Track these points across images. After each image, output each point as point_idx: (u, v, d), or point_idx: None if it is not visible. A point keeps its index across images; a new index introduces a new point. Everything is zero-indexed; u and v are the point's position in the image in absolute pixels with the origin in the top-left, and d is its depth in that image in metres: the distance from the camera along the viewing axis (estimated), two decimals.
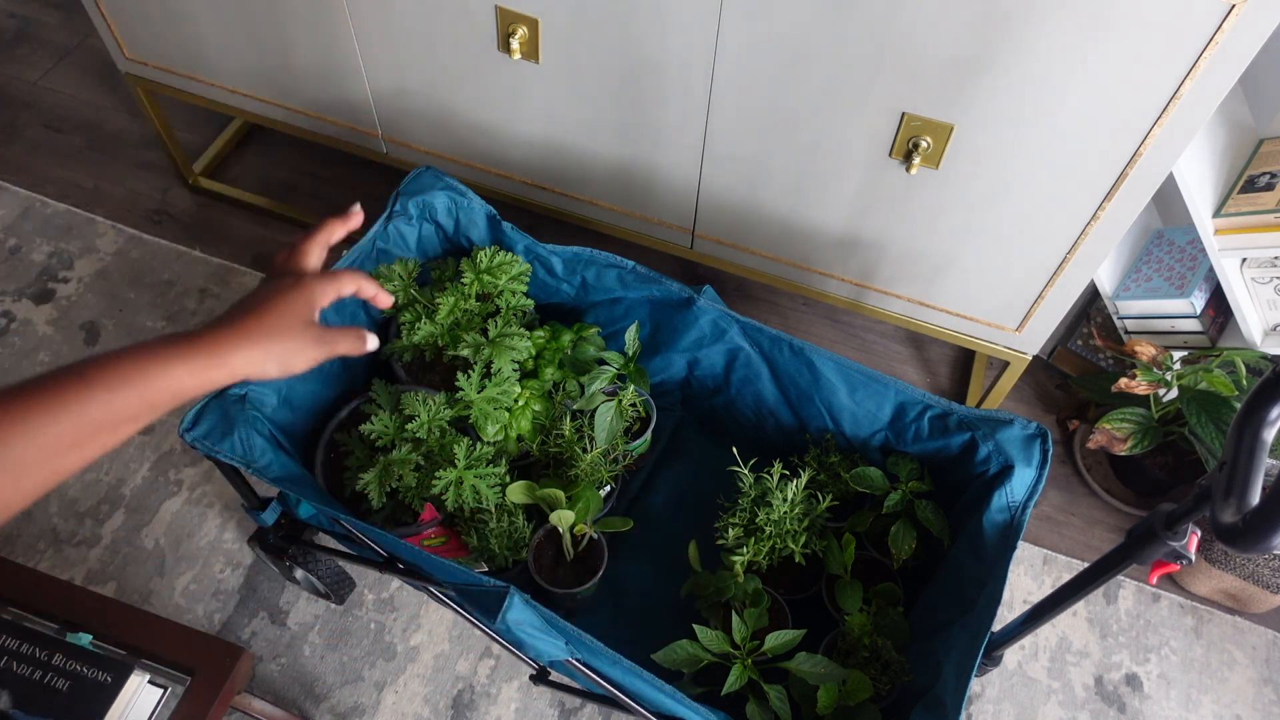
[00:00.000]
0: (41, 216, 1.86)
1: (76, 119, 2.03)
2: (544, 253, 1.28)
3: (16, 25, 2.20)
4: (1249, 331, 1.37)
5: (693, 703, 0.95)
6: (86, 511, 1.50)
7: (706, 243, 1.48)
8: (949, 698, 0.96)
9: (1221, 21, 0.93)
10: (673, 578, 1.28)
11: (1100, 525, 1.59)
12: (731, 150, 1.30)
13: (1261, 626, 1.50)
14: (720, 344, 1.29)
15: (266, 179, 1.95)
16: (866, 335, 1.81)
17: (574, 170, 1.46)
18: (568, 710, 1.36)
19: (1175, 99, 1.01)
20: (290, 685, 1.36)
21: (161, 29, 1.55)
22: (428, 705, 1.36)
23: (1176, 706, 1.42)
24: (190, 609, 1.42)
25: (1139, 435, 1.41)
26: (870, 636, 1.13)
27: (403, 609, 1.43)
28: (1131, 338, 1.52)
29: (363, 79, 1.47)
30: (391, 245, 1.28)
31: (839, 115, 1.18)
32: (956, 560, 1.13)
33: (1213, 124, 1.37)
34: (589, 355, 1.29)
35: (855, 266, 1.40)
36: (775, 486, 1.19)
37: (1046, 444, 1.11)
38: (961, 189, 1.21)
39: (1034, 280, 1.29)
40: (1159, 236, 1.58)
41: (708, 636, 1.11)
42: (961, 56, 1.06)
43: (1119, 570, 0.82)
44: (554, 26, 1.24)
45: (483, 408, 1.17)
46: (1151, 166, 1.09)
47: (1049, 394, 1.73)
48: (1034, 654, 1.45)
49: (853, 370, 1.21)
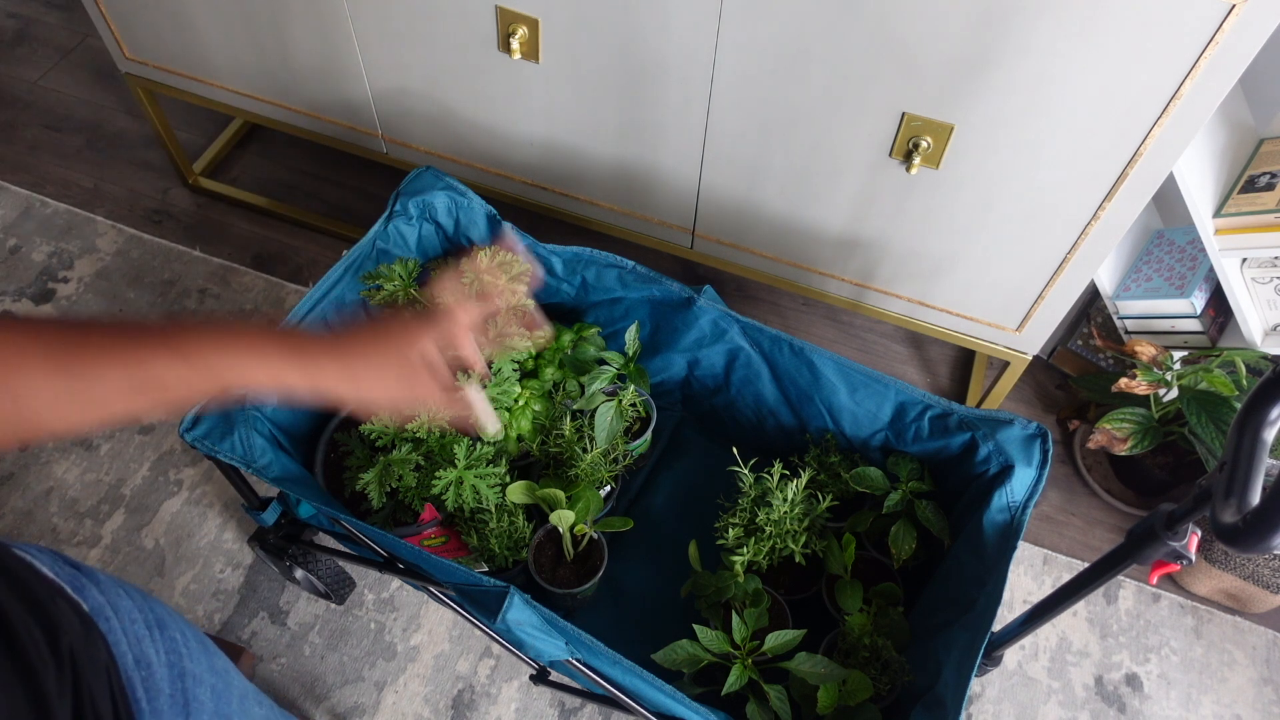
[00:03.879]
0: (41, 216, 1.86)
1: (76, 119, 2.04)
2: (544, 253, 1.28)
3: (16, 25, 2.20)
4: (1249, 331, 1.37)
5: (693, 703, 0.95)
6: (86, 511, 1.50)
7: (706, 243, 1.48)
8: (949, 698, 0.96)
9: (1221, 21, 0.93)
10: (673, 578, 1.28)
11: (1100, 525, 1.59)
12: (731, 150, 1.30)
13: (1261, 626, 1.50)
14: (720, 344, 1.29)
15: (266, 179, 1.95)
16: (866, 335, 1.81)
17: (574, 170, 1.46)
18: (568, 710, 1.36)
19: (1175, 99, 1.01)
20: (290, 685, 1.36)
21: (161, 29, 1.55)
22: (428, 705, 1.36)
23: (1176, 706, 1.42)
24: (190, 609, 1.42)
25: (1139, 435, 1.41)
26: (870, 636, 1.13)
27: (403, 609, 1.43)
28: (1131, 338, 1.52)
29: (363, 79, 1.47)
30: (391, 245, 1.28)
31: (839, 115, 1.18)
32: (956, 560, 1.13)
33: (1213, 124, 1.37)
34: (589, 355, 1.29)
35: (855, 266, 1.40)
36: (775, 486, 1.19)
37: (1046, 444, 1.11)
38: (962, 189, 1.21)
39: (1034, 280, 1.29)
40: (1159, 236, 1.58)
41: (708, 636, 1.11)
42: (961, 56, 1.06)
43: (1119, 570, 0.82)
44: (554, 26, 1.24)
45: None
46: (1152, 166, 1.09)
47: (1049, 394, 1.73)
48: (1034, 654, 1.45)
49: (853, 370, 1.21)
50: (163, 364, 0.56)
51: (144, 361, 0.56)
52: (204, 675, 0.68)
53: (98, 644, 0.56)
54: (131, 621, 0.61)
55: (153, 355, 0.56)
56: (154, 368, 0.56)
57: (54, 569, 0.58)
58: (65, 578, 0.59)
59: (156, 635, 0.63)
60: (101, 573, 0.64)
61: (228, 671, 0.73)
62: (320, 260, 1.84)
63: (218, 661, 0.72)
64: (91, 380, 0.54)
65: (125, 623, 0.61)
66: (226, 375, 0.59)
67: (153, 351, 0.56)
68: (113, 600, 0.61)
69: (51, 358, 0.52)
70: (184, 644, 0.66)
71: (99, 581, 0.61)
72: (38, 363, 0.52)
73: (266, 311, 1.75)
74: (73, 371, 0.53)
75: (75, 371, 0.53)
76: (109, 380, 0.54)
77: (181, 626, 0.68)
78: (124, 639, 0.60)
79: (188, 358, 0.57)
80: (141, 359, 0.56)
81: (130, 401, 0.55)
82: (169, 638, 0.65)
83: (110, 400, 0.54)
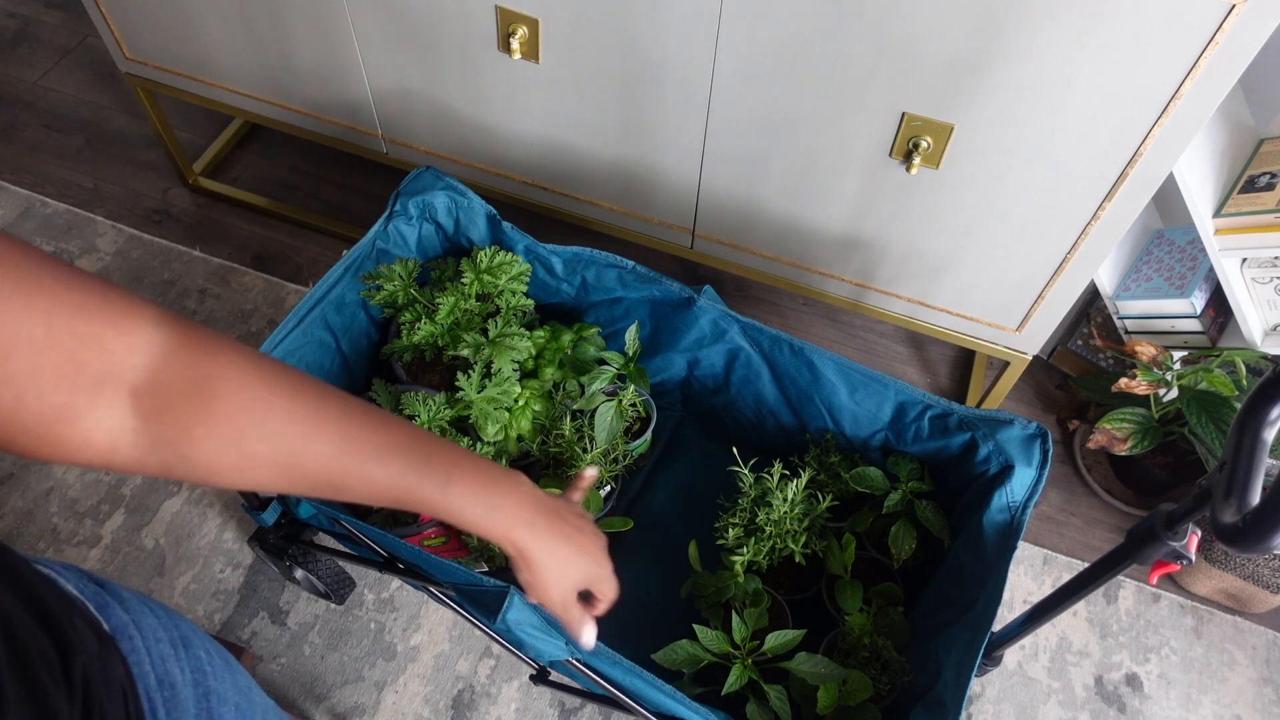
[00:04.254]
0: (41, 216, 1.86)
1: (76, 119, 2.04)
2: (544, 253, 1.28)
3: (16, 25, 2.20)
4: (1249, 331, 1.37)
5: (693, 703, 0.95)
6: (86, 511, 1.50)
7: (706, 243, 1.48)
8: (949, 698, 0.96)
9: (1221, 21, 0.93)
10: (673, 578, 1.28)
11: (1100, 525, 1.59)
12: (732, 150, 1.30)
13: (1261, 626, 1.50)
14: (720, 344, 1.29)
15: (266, 179, 1.95)
16: (866, 335, 1.81)
17: (574, 170, 1.46)
18: (568, 710, 1.36)
19: (1175, 99, 1.01)
20: (290, 685, 1.36)
21: (161, 29, 1.55)
22: (428, 705, 1.36)
23: (1176, 706, 1.42)
24: (190, 609, 1.42)
25: (1139, 435, 1.41)
26: (870, 636, 1.13)
27: (403, 609, 1.43)
28: (1131, 338, 1.52)
29: (363, 79, 1.47)
30: (391, 245, 1.28)
31: (839, 115, 1.18)
32: (956, 560, 1.13)
33: (1213, 124, 1.37)
34: (589, 355, 1.29)
35: (855, 266, 1.40)
36: (775, 486, 1.19)
37: (1046, 444, 1.11)
38: (962, 189, 1.21)
39: (1034, 280, 1.29)
40: (1159, 236, 1.58)
41: (708, 636, 1.11)
42: (962, 56, 1.06)
43: (1119, 570, 0.82)
44: (554, 26, 1.24)
45: (483, 408, 1.17)
46: (1152, 166, 1.09)
47: (1049, 394, 1.73)
48: (1034, 654, 1.45)
49: (853, 370, 1.21)
50: (430, 489, 0.60)
51: (418, 469, 0.59)
52: (228, 694, 0.67)
53: (115, 665, 0.55)
54: (156, 641, 0.61)
55: (423, 478, 0.59)
56: (423, 481, 0.59)
57: (78, 586, 0.57)
58: (89, 595, 0.58)
59: (181, 654, 0.63)
60: (127, 589, 0.63)
61: (250, 689, 0.73)
62: (320, 260, 1.84)
63: (241, 679, 0.71)
64: (373, 465, 0.56)
65: (149, 642, 0.60)
66: (458, 511, 0.63)
67: (428, 478, 0.60)
68: (137, 618, 0.61)
69: (344, 422, 0.55)
70: (209, 662, 0.66)
71: (124, 600, 0.61)
72: (333, 428, 0.54)
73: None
74: (363, 452, 0.55)
75: (364, 452, 0.55)
76: (385, 468, 0.57)
77: (206, 644, 0.67)
78: (146, 659, 0.59)
79: (446, 495, 0.61)
80: (415, 467, 0.59)
81: (377, 492, 0.58)
82: (194, 656, 0.64)
83: (369, 483, 0.57)
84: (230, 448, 0.50)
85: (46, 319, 0.41)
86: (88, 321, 0.43)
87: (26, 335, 0.41)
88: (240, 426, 0.50)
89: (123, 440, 0.46)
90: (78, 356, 0.43)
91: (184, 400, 0.47)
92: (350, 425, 0.55)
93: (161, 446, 0.47)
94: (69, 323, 0.42)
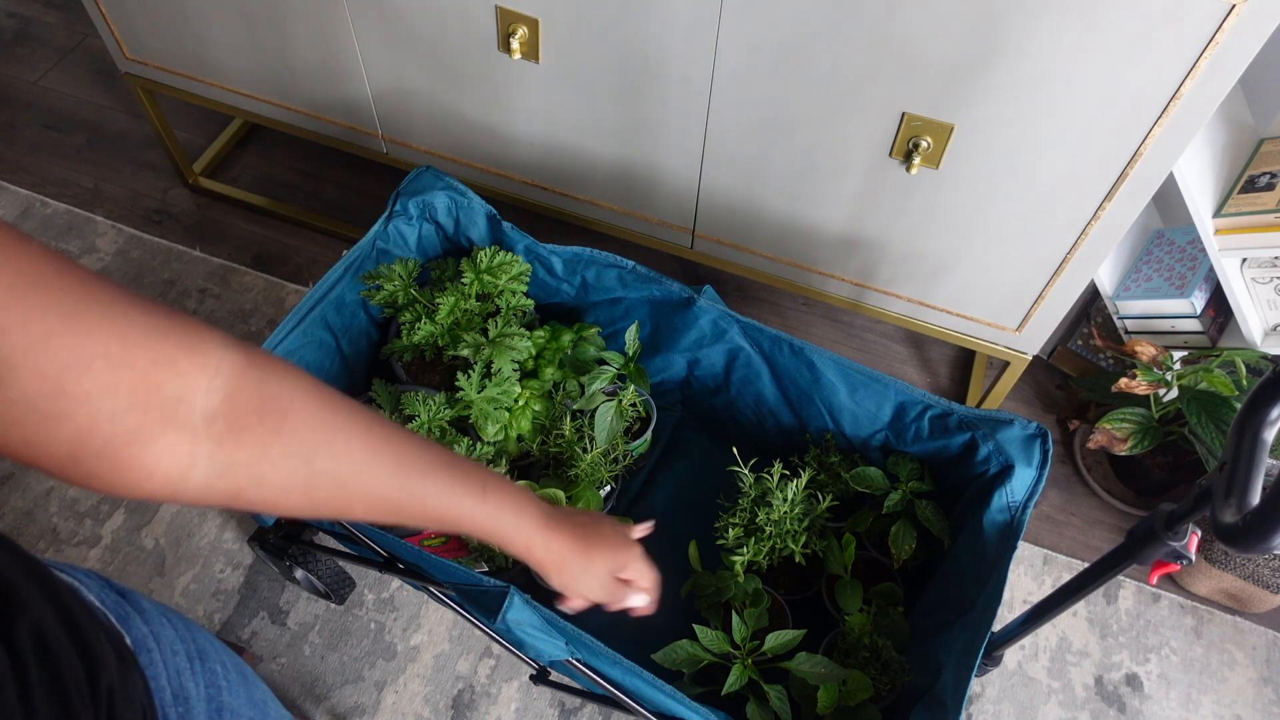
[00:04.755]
0: (41, 216, 1.86)
1: (76, 119, 2.04)
2: (544, 253, 1.28)
3: (16, 25, 2.20)
4: (1249, 331, 1.37)
5: (693, 703, 0.95)
6: (86, 511, 1.50)
7: (707, 243, 1.48)
8: (949, 698, 0.96)
9: (1221, 21, 0.93)
10: (673, 578, 1.28)
11: (1100, 525, 1.59)
12: (732, 150, 1.30)
13: (1261, 626, 1.50)
14: (720, 344, 1.29)
15: (266, 179, 1.95)
16: (866, 335, 1.81)
17: (574, 170, 1.46)
18: (568, 710, 1.36)
19: (1175, 99, 1.01)
20: (290, 685, 1.36)
21: (161, 29, 1.55)
22: (428, 705, 1.36)
23: (1176, 706, 1.42)
24: (190, 609, 1.42)
25: (1139, 435, 1.41)
26: (870, 636, 1.13)
27: (403, 609, 1.43)
28: (1131, 338, 1.52)
29: (363, 79, 1.47)
30: (391, 245, 1.28)
31: (839, 115, 1.18)
32: (956, 560, 1.13)
33: (1213, 124, 1.37)
34: (589, 355, 1.29)
35: (855, 266, 1.40)
36: (775, 486, 1.19)
37: (1046, 444, 1.11)
38: (961, 189, 1.21)
39: (1034, 280, 1.29)
40: (1159, 236, 1.58)
41: (708, 636, 1.11)
42: (961, 56, 1.06)
43: (1119, 570, 0.82)
44: (554, 26, 1.24)
45: (483, 408, 1.17)
46: (1151, 166, 1.09)
47: (1049, 394, 1.73)
48: (1034, 654, 1.45)
49: (853, 370, 1.21)
50: (470, 501, 0.61)
51: (461, 483, 0.61)
52: (242, 709, 0.67)
53: (135, 681, 0.55)
54: (173, 653, 0.60)
55: (465, 491, 0.61)
56: (465, 494, 0.61)
57: (100, 595, 0.57)
58: (110, 604, 0.57)
59: (197, 668, 0.62)
60: (146, 599, 0.62)
61: (265, 704, 0.72)
62: (320, 260, 1.84)
63: (256, 693, 0.71)
64: (425, 481, 0.57)
65: (167, 655, 0.60)
66: (493, 521, 0.64)
67: (469, 490, 0.61)
68: (156, 630, 0.60)
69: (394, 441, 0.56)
70: (224, 676, 0.66)
71: (144, 610, 0.60)
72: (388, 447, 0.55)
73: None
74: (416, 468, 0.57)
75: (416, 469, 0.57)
76: (436, 484, 0.58)
77: (222, 656, 0.67)
78: (164, 673, 0.59)
79: (485, 503, 0.63)
80: (458, 480, 0.60)
81: (425, 508, 0.59)
82: (209, 669, 0.64)
83: (419, 499, 0.58)
84: (303, 465, 0.49)
85: (122, 335, 0.40)
86: (161, 341, 0.42)
87: (102, 350, 0.39)
88: (313, 443, 0.50)
89: (196, 467, 0.45)
90: (152, 377, 0.42)
91: (259, 420, 0.47)
92: (400, 444, 0.56)
93: (234, 469, 0.47)
94: (143, 341, 0.41)
